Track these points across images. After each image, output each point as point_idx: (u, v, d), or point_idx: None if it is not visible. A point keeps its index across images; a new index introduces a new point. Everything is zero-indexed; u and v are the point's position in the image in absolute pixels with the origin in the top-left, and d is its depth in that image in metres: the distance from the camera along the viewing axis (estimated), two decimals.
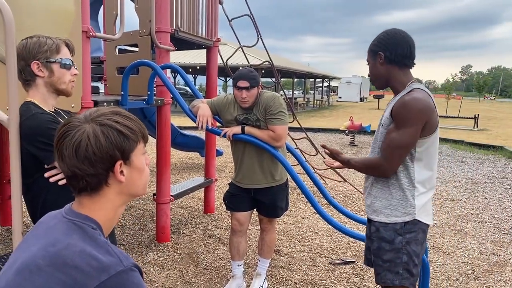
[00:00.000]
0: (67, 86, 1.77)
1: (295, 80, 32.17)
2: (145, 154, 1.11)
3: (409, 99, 1.89)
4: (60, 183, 1.65)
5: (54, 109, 1.81)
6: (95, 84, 4.66)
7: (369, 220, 2.16)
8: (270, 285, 3.41)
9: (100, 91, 5.06)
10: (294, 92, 31.29)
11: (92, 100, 3.06)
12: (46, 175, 1.64)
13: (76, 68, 1.84)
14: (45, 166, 1.65)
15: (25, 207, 1.85)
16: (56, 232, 0.99)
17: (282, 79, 40.94)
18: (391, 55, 1.98)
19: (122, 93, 3.45)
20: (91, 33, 2.94)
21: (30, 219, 1.85)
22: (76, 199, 1.06)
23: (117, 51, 4.45)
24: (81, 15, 2.83)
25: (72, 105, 2.73)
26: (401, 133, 1.89)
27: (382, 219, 2.04)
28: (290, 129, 5.31)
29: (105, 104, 3.27)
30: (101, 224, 1.04)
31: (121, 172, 1.03)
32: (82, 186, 1.01)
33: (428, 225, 2.05)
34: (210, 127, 3.01)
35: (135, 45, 4.23)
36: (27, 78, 1.71)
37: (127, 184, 1.06)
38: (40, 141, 1.60)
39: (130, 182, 1.06)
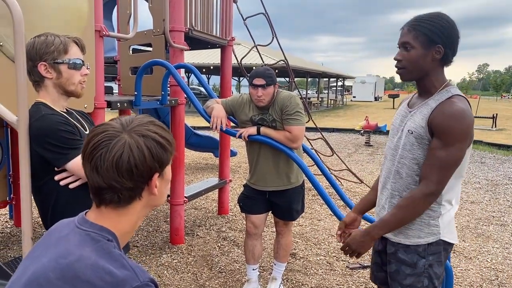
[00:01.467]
0: (76, 87, 1.70)
1: (309, 79, 31.98)
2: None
3: (458, 111, 1.60)
4: (70, 186, 1.60)
5: (66, 109, 1.76)
6: (108, 84, 4.64)
7: (383, 238, 1.87)
8: None
9: (114, 91, 5.05)
10: (308, 92, 31.10)
11: (106, 101, 3.02)
12: (56, 178, 1.59)
13: (88, 68, 1.78)
14: (55, 168, 1.60)
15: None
16: (68, 243, 0.93)
17: (296, 79, 40.81)
18: (450, 54, 1.67)
19: (135, 93, 3.41)
20: (104, 32, 2.90)
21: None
22: (95, 209, 0.99)
23: (131, 50, 4.42)
24: (94, 14, 2.79)
25: (85, 105, 2.69)
26: (453, 150, 1.60)
27: (401, 240, 1.78)
28: (305, 129, 5.21)
29: (118, 104, 3.23)
30: (118, 236, 0.97)
31: (155, 184, 0.98)
32: (114, 200, 0.95)
33: (453, 244, 1.82)
34: (224, 128, 2.94)
35: (149, 45, 4.19)
36: (35, 79, 1.66)
37: (156, 197, 1.01)
38: (50, 142, 1.54)
39: (159, 194, 1.01)
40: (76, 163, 1.54)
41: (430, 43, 1.64)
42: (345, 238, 1.98)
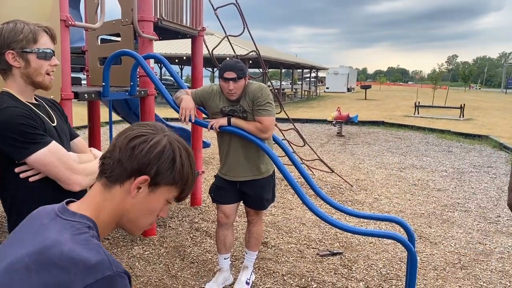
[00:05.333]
0: (44, 78, 1.65)
1: (283, 70, 32.06)
2: (167, 205, 1.06)
3: None
4: (30, 179, 1.57)
5: (36, 99, 1.71)
6: (76, 75, 4.55)
7: None
8: (258, 277, 3.38)
9: (82, 82, 4.95)
10: (282, 83, 31.20)
11: (72, 92, 2.97)
12: (16, 170, 1.56)
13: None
14: (16, 161, 1.57)
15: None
16: (47, 231, 0.93)
17: (270, 70, 40.83)
18: None
19: (103, 84, 3.36)
20: (70, 22, 2.84)
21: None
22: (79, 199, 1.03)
23: (99, 41, 4.34)
24: (60, 3, 2.73)
25: (51, 97, 2.64)
26: None
27: None
28: (278, 120, 5.26)
29: (85, 95, 3.18)
30: (98, 226, 0.99)
31: (139, 188, 0.99)
32: (107, 168, 0.99)
33: None
34: (193, 120, 2.93)
35: (118, 35, 4.12)
36: (2, 67, 1.61)
37: (132, 205, 1.01)
38: (9, 136, 1.50)
39: (135, 207, 1.01)
40: (36, 158, 1.51)
41: None
42: None
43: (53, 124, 1.68)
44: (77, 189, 1.57)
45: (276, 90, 8.24)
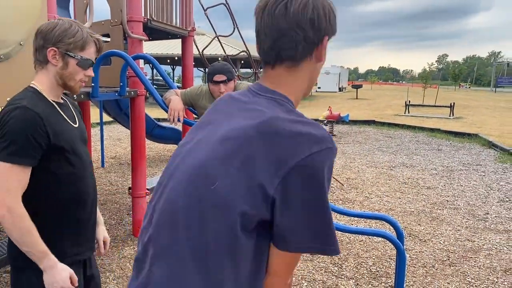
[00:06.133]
0: (75, 84, 1.64)
1: None
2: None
3: None
4: None
5: (62, 97, 1.70)
6: None
7: None
8: None
9: None
10: None
11: None
12: None
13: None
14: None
15: None
16: (258, 106, 0.98)
17: (262, 70, 40.72)
18: None
19: (92, 84, 3.35)
20: None
21: None
22: (269, 76, 1.04)
23: None
24: (47, 3, 2.71)
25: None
26: None
27: None
28: None
29: (75, 96, 3.16)
30: (293, 103, 1.04)
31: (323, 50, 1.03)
32: (290, 52, 0.99)
33: None
34: (181, 121, 2.94)
35: (107, 35, 4.11)
36: (39, 59, 1.59)
37: (316, 68, 1.04)
38: (1, 131, 1.47)
39: (318, 68, 1.05)
40: None
41: None
42: None
43: (75, 125, 1.67)
44: None
45: None
